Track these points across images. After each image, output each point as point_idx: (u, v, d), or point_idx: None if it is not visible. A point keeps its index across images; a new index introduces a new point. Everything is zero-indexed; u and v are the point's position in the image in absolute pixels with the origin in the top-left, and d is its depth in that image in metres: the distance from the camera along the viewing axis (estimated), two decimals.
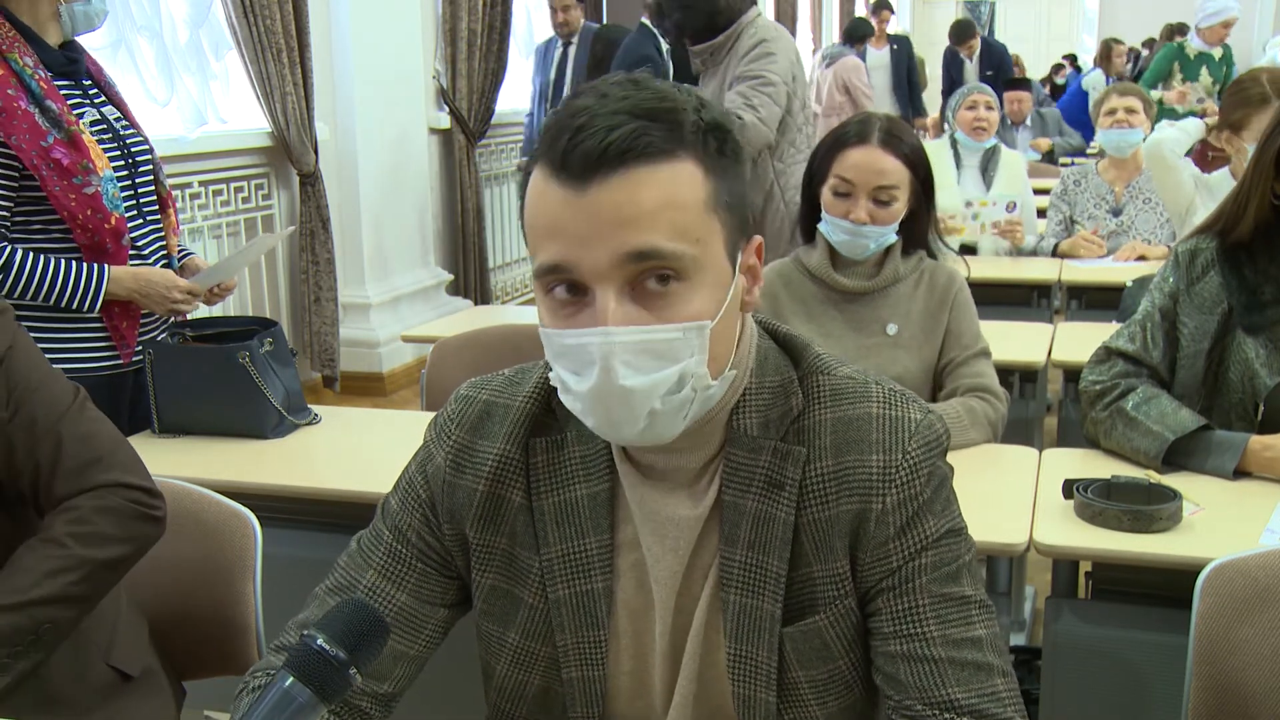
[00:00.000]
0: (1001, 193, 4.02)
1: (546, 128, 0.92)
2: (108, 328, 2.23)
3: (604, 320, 0.89)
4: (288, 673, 0.78)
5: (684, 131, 0.91)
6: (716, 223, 0.93)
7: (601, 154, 0.88)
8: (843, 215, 2.08)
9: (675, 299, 0.91)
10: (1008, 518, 1.69)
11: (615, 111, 0.89)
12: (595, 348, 0.90)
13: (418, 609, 1.09)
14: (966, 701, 0.98)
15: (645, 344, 0.90)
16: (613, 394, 0.91)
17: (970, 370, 2.11)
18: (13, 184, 2.11)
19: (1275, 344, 1.80)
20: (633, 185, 0.89)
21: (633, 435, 0.94)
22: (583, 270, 0.90)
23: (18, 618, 1.23)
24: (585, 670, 1.06)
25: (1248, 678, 1.34)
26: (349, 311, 5.12)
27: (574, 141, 0.88)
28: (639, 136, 0.88)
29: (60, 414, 1.34)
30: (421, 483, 1.10)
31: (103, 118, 2.25)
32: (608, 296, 0.90)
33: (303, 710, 0.78)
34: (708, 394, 0.95)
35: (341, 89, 5.00)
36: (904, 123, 2.14)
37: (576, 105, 0.91)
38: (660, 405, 0.92)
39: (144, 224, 2.30)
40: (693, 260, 0.91)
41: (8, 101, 2.06)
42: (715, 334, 0.93)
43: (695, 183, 0.91)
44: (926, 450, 1.00)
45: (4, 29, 2.11)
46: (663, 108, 0.91)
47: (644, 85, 0.93)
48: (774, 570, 1.01)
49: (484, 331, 2.65)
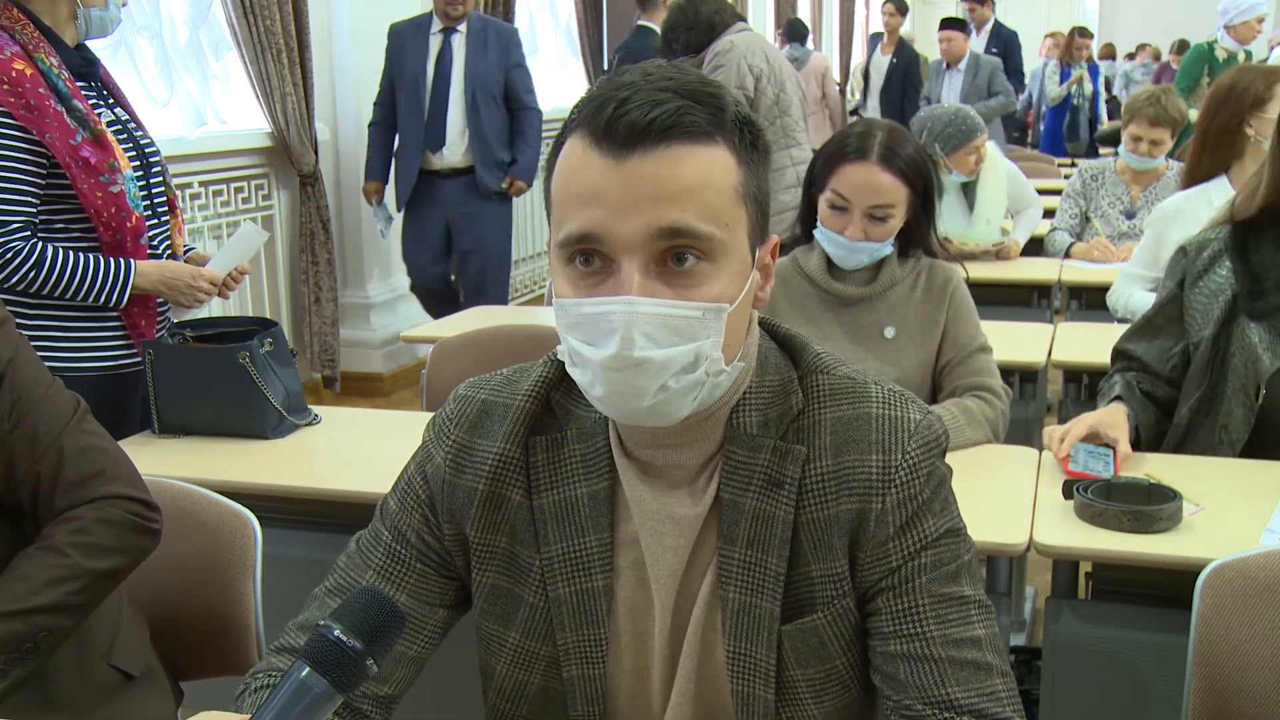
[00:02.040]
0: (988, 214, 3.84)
1: (588, 99, 0.94)
2: (125, 324, 2.25)
3: (630, 290, 0.90)
4: (304, 663, 0.78)
5: (725, 117, 0.93)
6: (743, 212, 0.95)
7: (647, 126, 0.89)
8: (838, 230, 2.08)
9: (699, 278, 0.92)
10: (1008, 518, 1.69)
11: (661, 89, 0.91)
12: (618, 317, 0.90)
13: (417, 610, 1.09)
14: (966, 701, 0.98)
15: (666, 318, 0.91)
16: (627, 364, 0.91)
17: (968, 369, 2.11)
18: (41, 180, 2.12)
19: (1278, 329, 1.83)
20: (674, 161, 0.90)
21: (639, 410, 0.94)
22: (614, 241, 0.91)
23: (17, 625, 1.24)
24: (586, 669, 1.06)
25: (1248, 678, 1.34)
26: (349, 312, 5.12)
27: (619, 112, 0.90)
28: (684, 114, 0.90)
29: (62, 426, 1.35)
30: (421, 483, 1.10)
31: (116, 118, 2.26)
32: (634, 268, 0.90)
33: (319, 700, 0.78)
34: (718, 379, 0.95)
35: (341, 89, 5.00)
36: (905, 132, 2.12)
37: (621, 80, 0.93)
38: (673, 382, 0.92)
39: (157, 224, 2.32)
40: (720, 243, 0.92)
41: (39, 100, 2.08)
42: (731, 320, 0.94)
43: (729, 169, 0.93)
44: (926, 450, 1.01)
45: (29, 29, 2.12)
46: (706, 91, 0.93)
47: (686, 71, 0.95)
48: (773, 568, 1.01)
49: (484, 332, 2.66)
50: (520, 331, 2.63)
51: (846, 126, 2.18)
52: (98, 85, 2.26)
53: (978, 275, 2.57)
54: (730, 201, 0.93)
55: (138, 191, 2.22)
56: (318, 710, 0.78)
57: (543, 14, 7.15)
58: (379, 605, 0.83)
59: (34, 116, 2.07)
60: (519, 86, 4.61)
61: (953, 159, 3.70)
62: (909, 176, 2.06)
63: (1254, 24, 6.15)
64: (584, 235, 0.91)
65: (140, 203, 2.22)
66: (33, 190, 2.11)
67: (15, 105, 2.06)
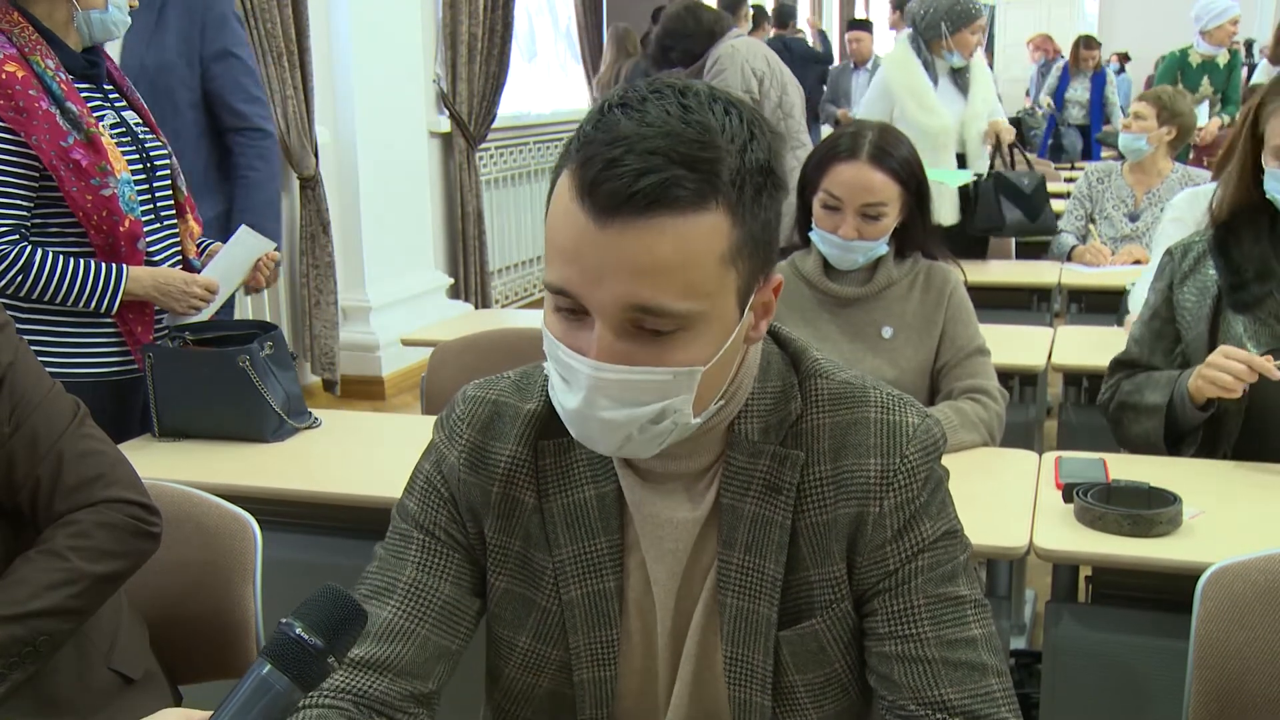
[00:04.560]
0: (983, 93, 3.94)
1: (585, 139, 0.87)
2: (121, 331, 2.24)
3: (596, 353, 0.89)
4: (265, 660, 0.78)
5: (720, 182, 0.87)
6: (733, 273, 0.90)
7: (629, 198, 0.84)
8: (832, 230, 2.09)
9: (674, 344, 0.90)
10: (1008, 521, 1.69)
11: (653, 150, 0.85)
12: (583, 376, 0.90)
13: (459, 599, 1.07)
14: (959, 702, 0.98)
15: (631, 384, 0.90)
16: (590, 420, 0.92)
17: (965, 371, 2.11)
18: (33, 185, 2.12)
19: (1261, 320, 1.90)
20: (654, 235, 0.85)
21: (606, 451, 0.97)
22: (588, 302, 0.89)
23: (16, 629, 1.23)
24: (597, 670, 1.07)
25: (1249, 682, 1.34)
26: (349, 315, 5.12)
27: (604, 175, 0.85)
28: (671, 186, 0.84)
29: (61, 430, 1.35)
30: (440, 481, 1.09)
31: (122, 121, 2.25)
32: (606, 332, 0.89)
33: (279, 698, 0.78)
34: (688, 426, 0.94)
35: (342, 92, 5.00)
36: (896, 132, 2.13)
37: (618, 130, 0.86)
38: (638, 434, 0.92)
39: (160, 228, 2.31)
40: (699, 315, 0.89)
41: (29, 102, 2.07)
42: (707, 376, 0.92)
43: (719, 235, 0.88)
44: (924, 454, 1.01)
45: (27, 31, 2.12)
46: (703, 156, 0.86)
47: (692, 111, 0.87)
48: (770, 574, 1.01)
49: (484, 335, 2.65)
50: (520, 335, 2.62)
51: (838, 129, 2.18)
52: (104, 87, 2.26)
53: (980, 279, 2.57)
54: (714, 271, 0.88)
55: (135, 195, 2.21)
56: (278, 707, 0.78)
57: (541, 16, 7.16)
58: (340, 603, 0.82)
59: (23, 119, 2.07)
60: None
61: (956, 38, 3.78)
62: (901, 175, 2.07)
63: (1228, 26, 6.26)
64: (561, 290, 0.90)
65: (138, 207, 2.21)
66: (23, 194, 2.10)
67: (4, 108, 2.06)
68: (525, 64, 6.80)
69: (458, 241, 5.90)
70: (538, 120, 6.84)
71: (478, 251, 5.95)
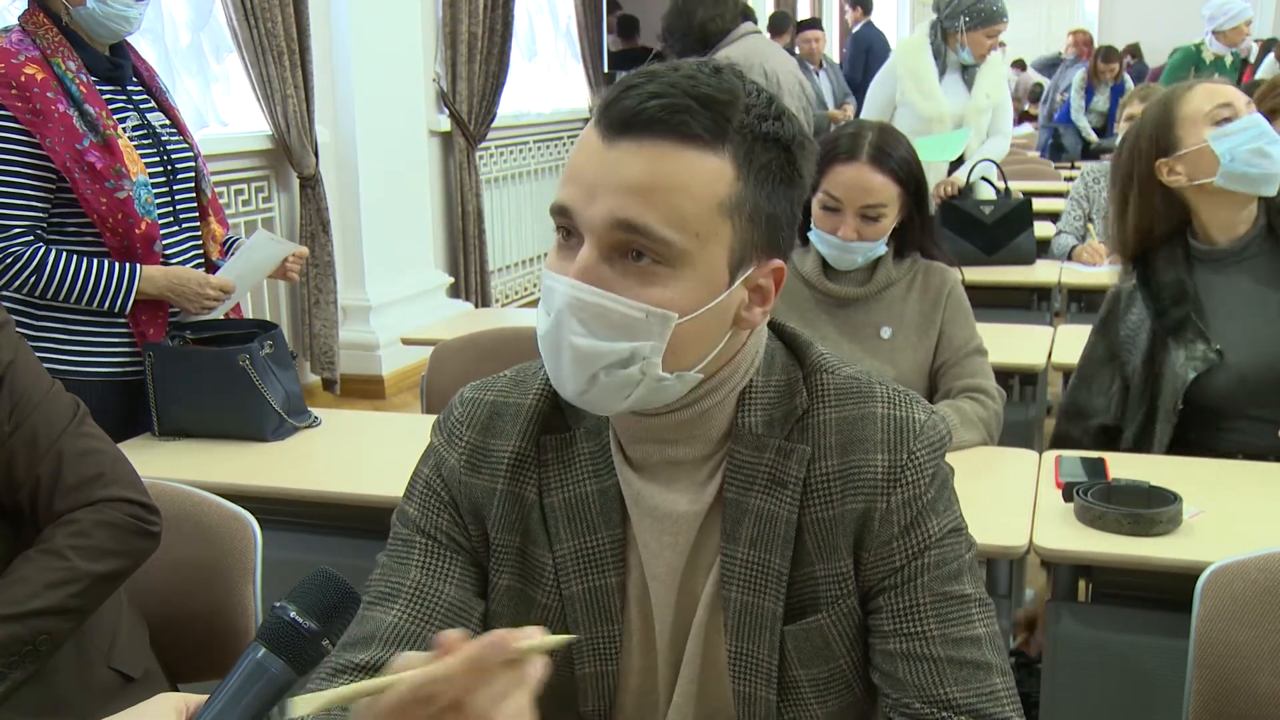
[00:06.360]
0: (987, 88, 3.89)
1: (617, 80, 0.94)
2: (133, 332, 2.24)
3: (576, 271, 0.90)
4: (260, 644, 0.78)
5: (728, 127, 0.90)
6: (728, 227, 0.91)
7: (635, 114, 0.88)
8: (831, 230, 2.09)
9: (652, 279, 0.90)
10: (1007, 520, 1.69)
11: (673, 83, 0.89)
12: (559, 295, 0.91)
13: (464, 601, 1.07)
14: (964, 700, 0.98)
15: (604, 310, 0.90)
16: (561, 346, 0.92)
17: (963, 371, 2.12)
18: (50, 186, 2.13)
19: (1190, 340, 1.98)
20: (652, 157, 0.89)
21: (573, 393, 0.95)
22: (580, 220, 0.91)
23: (16, 628, 1.23)
24: (599, 665, 1.07)
25: (1249, 681, 1.34)
26: (349, 314, 5.12)
27: (621, 96, 0.90)
28: (678, 113, 0.88)
29: (61, 429, 1.35)
30: (440, 485, 1.09)
31: (145, 123, 2.26)
32: (591, 251, 0.90)
33: (275, 681, 0.78)
34: (659, 384, 0.94)
35: (342, 92, 5.00)
36: (896, 133, 2.13)
37: (649, 69, 0.92)
38: (604, 375, 0.92)
39: (179, 231, 2.31)
40: (682, 252, 0.90)
41: (46, 105, 2.08)
42: (683, 331, 0.92)
43: (720, 180, 0.90)
44: (931, 451, 1.01)
45: (51, 32, 2.13)
46: (719, 99, 0.90)
47: (723, 76, 0.92)
48: (776, 568, 1.01)
49: (484, 334, 2.65)
50: (521, 334, 2.62)
51: (838, 128, 2.18)
52: (130, 88, 2.26)
53: (979, 279, 2.57)
54: (708, 212, 0.90)
55: (152, 198, 2.21)
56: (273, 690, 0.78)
57: (542, 15, 7.15)
58: (334, 586, 0.82)
59: (39, 121, 2.08)
60: None
61: (971, 37, 3.74)
62: (900, 176, 2.07)
63: (1243, 28, 6.20)
64: (560, 208, 0.92)
65: (155, 210, 2.21)
66: (39, 195, 2.11)
67: (22, 110, 2.07)
68: (525, 63, 6.79)
69: (458, 240, 5.90)
70: (538, 119, 6.84)
71: (478, 250, 5.95)
